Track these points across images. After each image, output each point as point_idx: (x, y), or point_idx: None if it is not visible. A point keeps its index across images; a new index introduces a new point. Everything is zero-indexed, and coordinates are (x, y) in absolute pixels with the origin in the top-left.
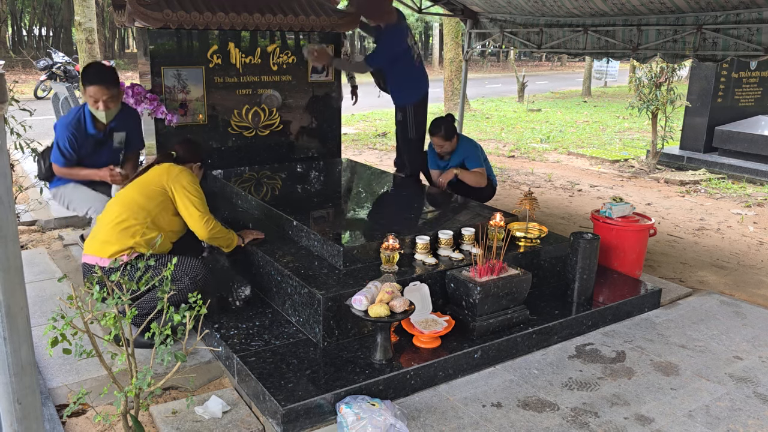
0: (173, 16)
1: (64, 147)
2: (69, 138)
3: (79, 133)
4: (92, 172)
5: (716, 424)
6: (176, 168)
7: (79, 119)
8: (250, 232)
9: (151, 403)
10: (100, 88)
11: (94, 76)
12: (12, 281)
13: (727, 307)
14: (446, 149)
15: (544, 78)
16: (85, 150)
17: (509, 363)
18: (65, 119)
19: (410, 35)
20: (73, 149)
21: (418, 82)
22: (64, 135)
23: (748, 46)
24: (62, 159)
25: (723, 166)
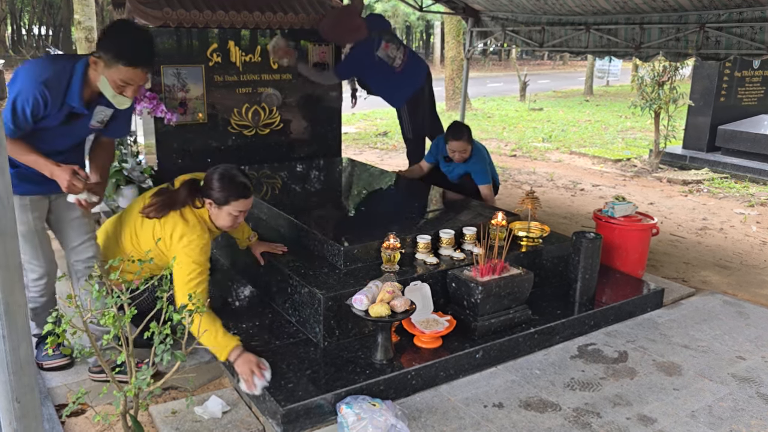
0: (173, 14)
1: (22, 108)
2: (36, 98)
3: (53, 97)
4: (43, 162)
5: (719, 425)
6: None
7: (61, 79)
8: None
9: (150, 403)
10: (144, 73)
11: (143, 56)
12: (11, 279)
13: (730, 307)
14: (463, 156)
15: (545, 77)
16: (48, 122)
17: (511, 363)
18: (37, 70)
19: (386, 45)
20: (34, 116)
21: (402, 86)
22: (29, 92)
23: (750, 44)
24: (11, 126)
25: (726, 166)
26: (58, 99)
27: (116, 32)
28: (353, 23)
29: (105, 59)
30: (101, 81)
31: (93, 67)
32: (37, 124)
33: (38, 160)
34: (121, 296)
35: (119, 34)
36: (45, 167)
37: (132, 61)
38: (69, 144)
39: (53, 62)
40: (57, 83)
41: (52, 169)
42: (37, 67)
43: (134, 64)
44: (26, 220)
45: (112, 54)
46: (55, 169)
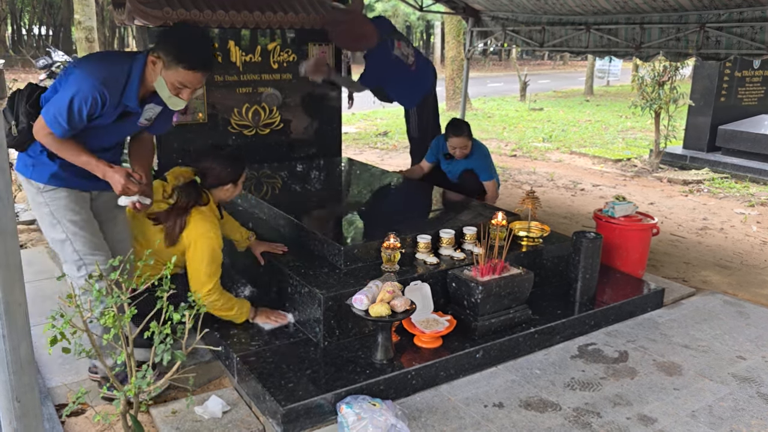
0: (173, 14)
1: (78, 108)
2: (95, 98)
3: (112, 97)
4: (95, 163)
5: (719, 425)
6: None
7: (120, 79)
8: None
9: (150, 403)
10: (202, 77)
11: (204, 60)
12: (11, 278)
13: (730, 306)
14: (464, 152)
15: (546, 77)
16: (101, 120)
17: (511, 363)
18: (95, 69)
19: (398, 44)
20: (90, 116)
21: (417, 85)
22: (88, 92)
23: (751, 44)
24: (66, 126)
25: (726, 166)
26: (116, 98)
27: (179, 34)
28: (364, 29)
29: (165, 60)
30: (158, 81)
31: (151, 67)
32: (89, 123)
33: (90, 161)
34: (121, 296)
35: (182, 36)
36: (98, 168)
37: (193, 65)
38: (115, 141)
39: (111, 61)
40: (115, 83)
41: (105, 170)
42: (95, 65)
43: (195, 68)
44: (79, 210)
45: (173, 56)
46: (108, 171)
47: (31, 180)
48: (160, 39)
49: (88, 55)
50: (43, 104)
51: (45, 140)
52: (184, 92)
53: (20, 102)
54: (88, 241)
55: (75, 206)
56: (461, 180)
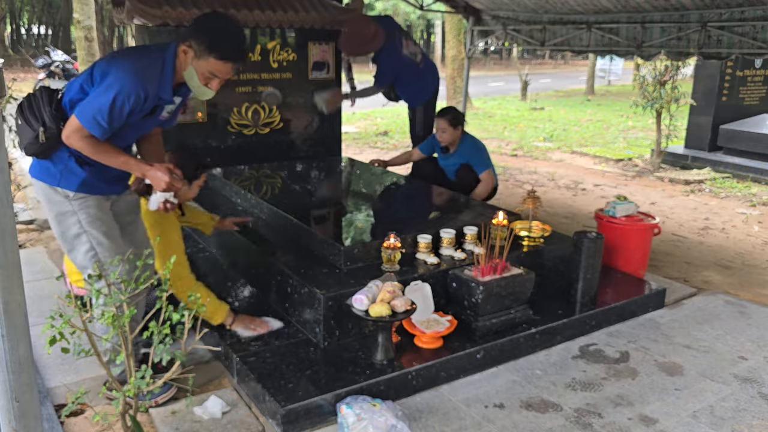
0: (172, 12)
1: (121, 106)
2: (138, 95)
3: (152, 91)
4: (134, 163)
5: (721, 425)
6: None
7: (156, 72)
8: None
9: (151, 404)
10: (233, 68)
11: (237, 50)
12: (10, 278)
13: (731, 307)
14: (447, 137)
15: (547, 76)
16: (134, 116)
17: (512, 363)
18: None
19: (406, 42)
20: (130, 113)
21: (426, 82)
22: (131, 89)
23: (752, 43)
24: (106, 126)
25: (728, 165)
26: (155, 93)
27: (211, 23)
28: (369, 31)
29: (196, 49)
30: (188, 71)
31: (182, 56)
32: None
33: (129, 161)
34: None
35: (215, 26)
36: (137, 167)
37: (225, 55)
38: (137, 136)
39: (146, 54)
40: (154, 76)
41: (146, 169)
42: (132, 61)
43: (227, 58)
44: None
45: (206, 45)
46: (150, 169)
47: (57, 188)
48: (193, 28)
49: (119, 52)
50: (67, 107)
51: (80, 144)
52: (213, 82)
53: (43, 107)
54: (112, 250)
55: (102, 215)
56: (459, 177)
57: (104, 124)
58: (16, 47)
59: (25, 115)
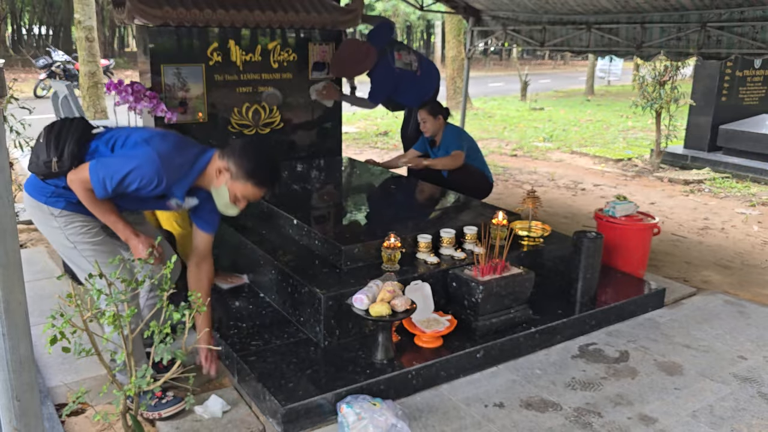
0: (173, 13)
1: (129, 183)
2: (151, 181)
3: (166, 186)
4: (122, 227)
5: (720, 424)
6: None
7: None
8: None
9: (150, 401)
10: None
11: (273, 179)
12: (11, 277)
13: (731, 306)
14: (429, 127)
15: (546, 76)
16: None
17: (512, 363)
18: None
19: (398, 54)
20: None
21: (425, 87)
22: (146, 173)
23: (752, 44)
24: (109, 192)
25: (727, 165)
26: (170, 187)
27: (253, 153)
28: (361, 53)
29: (234, 172)
30: (220, 189)
31: (216, 173)
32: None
33: (118, 224)
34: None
35: (255, 155)
36: (123, 232)
37: (263, 183)
38: (138, 209)
39: (182, 151)
40: (177, 174)
41: (129, 236)
42: (167, 150)
43: (263, 185)
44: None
45: (246, 172)
46: (133, 239)
47: (43, 206)
48: (236, 152)
49: (161, 134)
50: (91, 150)
51: (79, 191)
52: (242, 202)
53: (69, 140)
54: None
55: (91, 229)
56: (451, 177)
57: (108, 189)
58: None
59: (49, 138)
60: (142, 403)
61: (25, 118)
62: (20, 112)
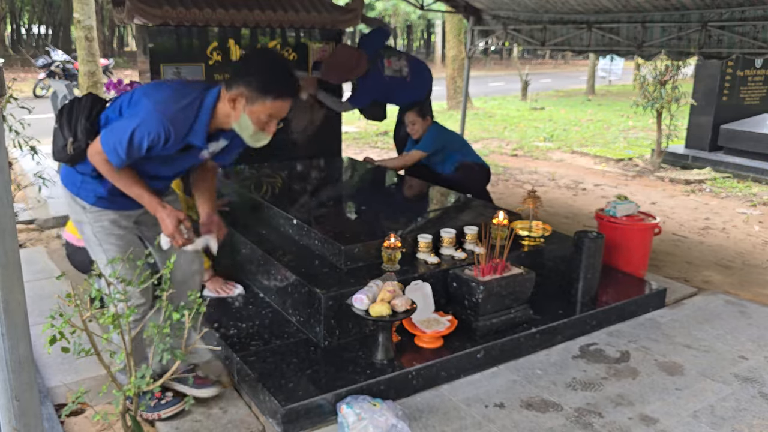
0: (172, 12)
1: (139, 141)
2: (158, 135)
3: (177, 134)
4: (148, 198)
5: (721, 425)
6: None
7: (189, 116)
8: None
9: (150, 402)
10: (289, 104)
11: (290, 86)
12: (10, 277)
13: (732, 306)
14: (418, 129)
15: (547, 76)
16: (161, 152)
17: (512, 363)
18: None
19: (388, 62)
20: (150, 150)
21: (416, 90)
22: (152, 126)
23: (753, 43)
24: (124, 158)
25: (728, 165)
26: (181, 136)
27: (257, 64)
28: (352, 59)
29: (248, 95)
30: (241, 120)
31: (229, 106)
32: (149, 154)
33: (143, 195)
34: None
35: (262, 65)
36: (149, 204)
37: (282, 94)
38: (173, 172)
39: (182, 94)
40: (183, 120)
41: (157, 208)
42: (165, 98)
43: (283, 96)
44: (123, 234)
45: (259, 88)
46: (160, 210)
47: (76, 198)
48: (239, 73)
49: (158, 84)
50: (102, 123)
51: (99, 166)
52: (270, 125)
53: (80, 117)
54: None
55: (117, 230)
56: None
57: (122, 154)
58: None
59: (61, 121)
60: (141, 403)
61: (25, 118)
62: (19, 112)
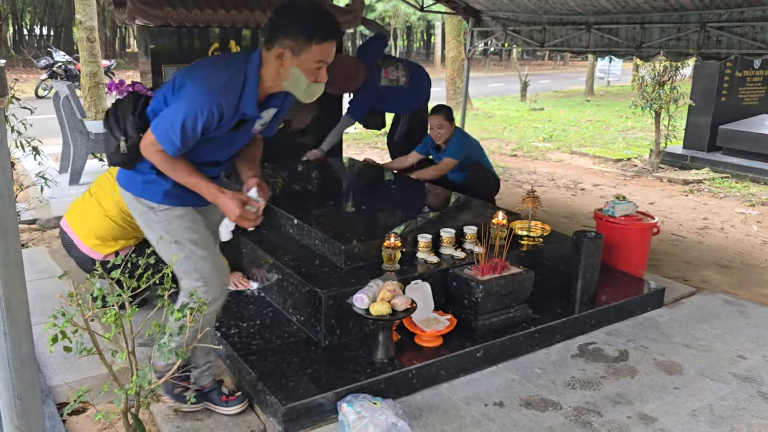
0: (174, 13)
1: (193, 124)
2: (211, 112)
3: (229, 107)
4: (205, 186)
5: (720, 424)
6: None
7: (236, 86)
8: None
9: (151, 401)
10: (334, 45)
11: (332, 25)
12: (12, 276)
13: (730, 306)
14: (444, 133)
15: (546, 77)
16: (216, 133)
17: (511, 362)
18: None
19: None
20: (205, 131)
21: (414, 97)
22: (204, 104)
23: (752, 44)
24: (179, 145)
25: (726, 165)
26: (233, 108)
27: (293, 13)
28: (350, 70)
29: (293, 47)
30: (292, 75)
31: (277, 64)
32: (203, 137)
33: (200, 183)
34: (122, 294)
35: (299, 11)
36: (208, 192)
37: (326, 35)
38: (229, 154)
39: (224, 67)
40: (232, 92)
41: (217, 195)
42: (208, 74)
43: (328, 36)
44: (196, 228)
45: (303, 35)
46: (221, 197)
47: (141, 199)
48: (276, 28)
49: (197, 63)
50: (150, 116)
51: (154, 158)
52: (321, 72)
53: (126, 114)
54: (209, 261)
55: (192, 224)
56: (454, 177)
57: (177, 141)
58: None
59: (109, 124)
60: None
61: (27, 118)
62: (21, 112)
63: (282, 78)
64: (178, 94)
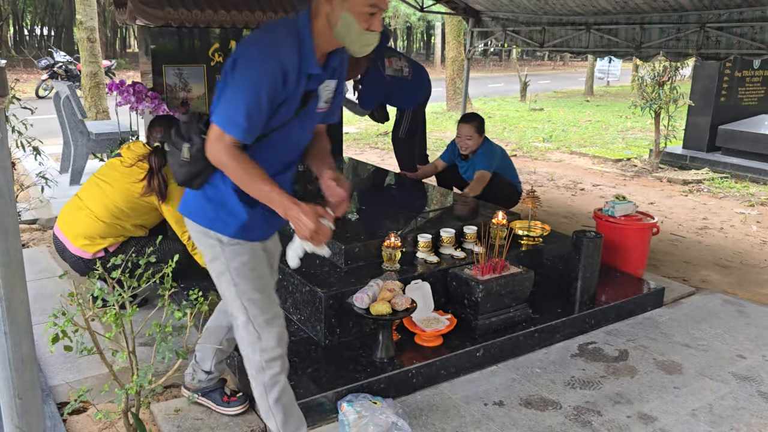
0: (174, 14)
1: (257, 98)
2: (275, 75)
3: (291, 67)
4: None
5: (719, 423)
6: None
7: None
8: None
9: (152, 401)
10: None
11: None
12: (13, 276)
13: (730, 306)
14: (473, 144)
15: (546, 77)
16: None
17: (511, 361)
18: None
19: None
20: (272, 103)
21: (417, 90)
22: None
23: (751, 44)
24: (245, 125)
25: (726, 166)
26: (296, 67)
27: None
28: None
29: None
30: (342, 20)
31: (326, 9)
32: (272, 118)
33: (272, 194)
34: (123, 294)
35: None
36: (280, 204)
37: None
38: (296, 149)
39: (274, 28)
40: (290, 49)
41: (289, 208)
42: (259, 40)
43: None
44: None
45: None
46: (293, 209)
47: (209, 231)
48: None
49: (242, 41)
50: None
51: (223, 157)
52: (375, 19)
53: (191, 123)
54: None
55: (256, 263)
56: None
57: (242, 120)
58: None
59: (174, 139)
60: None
61: (27, 119)
62: (22, 113)
63: (332, 26)
64: (234, 73)
